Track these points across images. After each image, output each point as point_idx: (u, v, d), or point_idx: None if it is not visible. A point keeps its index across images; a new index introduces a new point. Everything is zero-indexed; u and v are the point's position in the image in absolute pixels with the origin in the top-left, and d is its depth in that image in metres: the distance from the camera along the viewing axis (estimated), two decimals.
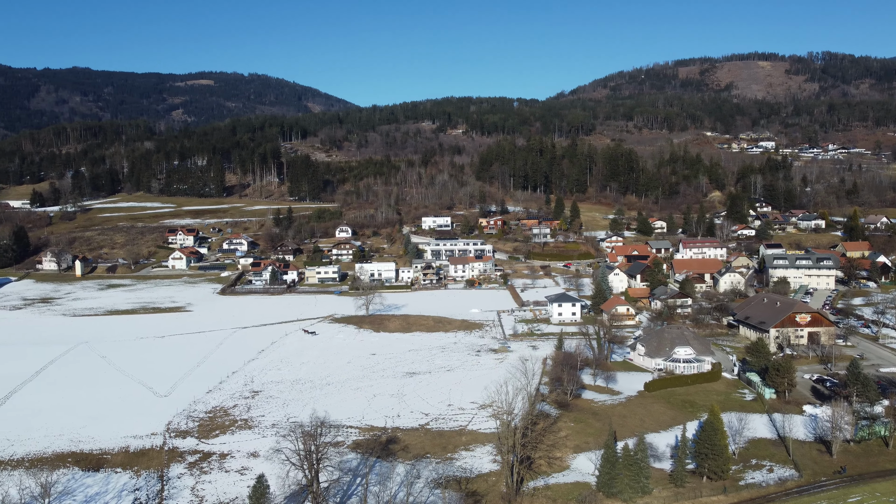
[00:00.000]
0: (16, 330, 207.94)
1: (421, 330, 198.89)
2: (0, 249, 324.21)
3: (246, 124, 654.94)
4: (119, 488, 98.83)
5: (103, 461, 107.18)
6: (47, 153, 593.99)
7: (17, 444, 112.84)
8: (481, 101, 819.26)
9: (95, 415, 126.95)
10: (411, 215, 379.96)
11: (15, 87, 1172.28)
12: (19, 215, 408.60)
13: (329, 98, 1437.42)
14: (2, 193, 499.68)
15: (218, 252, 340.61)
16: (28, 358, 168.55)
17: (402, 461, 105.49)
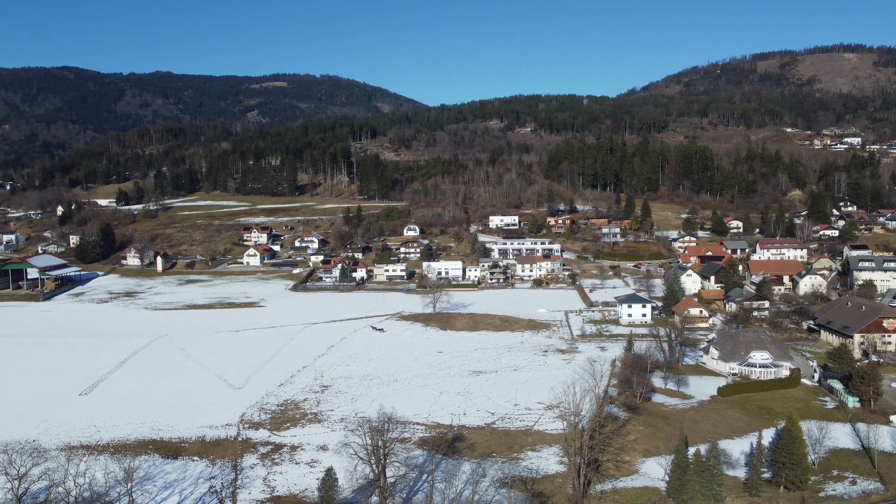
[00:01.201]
0: (102, 322, 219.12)
1: (487, 329, 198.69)
2: (89, 245, 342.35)
3: (317, 125, 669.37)
4: (196, 476, 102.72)
5: (181, 449, 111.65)
6: (132, 154, 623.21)
7: (103, 431, 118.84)
8: (550, 98, 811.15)
9: (174, 404, 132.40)
10: (478, 214, 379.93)
11: (103, 91, 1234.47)
12: (106, 213, 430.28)
13: (398, 98, 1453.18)
14: (91, 192, 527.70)
15: (290, 249, 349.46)
16: (113, 349, 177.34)
17: (468, 459, 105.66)
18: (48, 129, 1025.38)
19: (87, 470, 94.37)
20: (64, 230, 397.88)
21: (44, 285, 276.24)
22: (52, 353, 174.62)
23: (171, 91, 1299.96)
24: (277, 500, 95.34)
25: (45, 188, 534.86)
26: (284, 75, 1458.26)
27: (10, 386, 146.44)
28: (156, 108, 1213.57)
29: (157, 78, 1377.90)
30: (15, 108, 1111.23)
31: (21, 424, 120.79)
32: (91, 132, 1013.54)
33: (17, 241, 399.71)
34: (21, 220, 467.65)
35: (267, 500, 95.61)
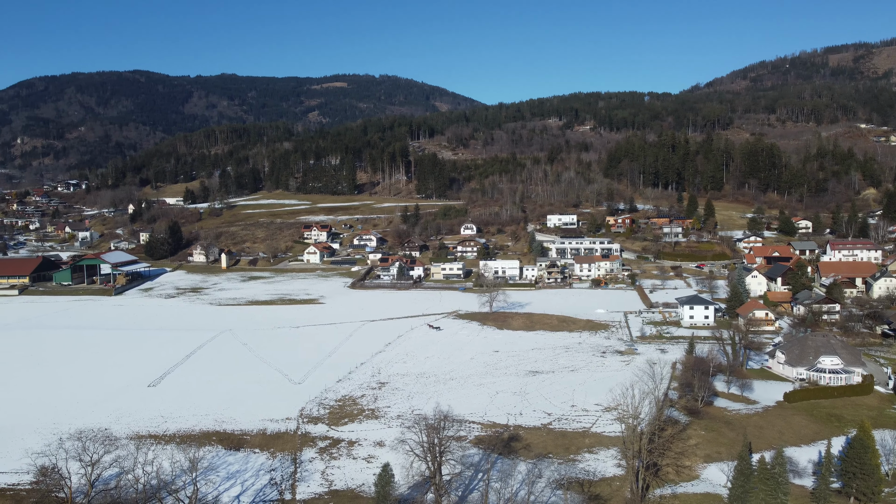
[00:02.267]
0: (170, 316, 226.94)
1: (545, 329, 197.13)
2: (157, 243, 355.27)
3: (376, 124, 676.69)
4: (257, 468, 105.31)
5: (243, 441, 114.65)
6: (198, 154, 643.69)
7: (170, 421, 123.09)
8: (610, 96, 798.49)
9: (237, 398, 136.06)
10: (536, 213, 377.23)
11: (172, 93, 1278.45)
12: (174, 211, 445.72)
13: (456, 97, 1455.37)
14: (160, 191, 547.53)
15: (349, 247, 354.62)
16: (180, 342, 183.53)
17: (524, 459, 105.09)
18: (121, 130, 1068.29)
19: (154, 458, 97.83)
20: (134, 228, 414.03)
21: (115, 280, 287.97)
22: (123, 346, 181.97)
23: (236, 92, 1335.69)
24: (335, 494, 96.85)
25: (117, 187, 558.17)
26: (344, 76, 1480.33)
27: (86, 376, 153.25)
28: (221, 110, 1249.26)
29: (223, 80, 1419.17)
30: (90, 111, 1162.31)
31: (94, 413, 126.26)
32: (160, 133, 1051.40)
33: (91, 238, 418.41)
34: (95, 218, 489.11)
35: (325, 493, 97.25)
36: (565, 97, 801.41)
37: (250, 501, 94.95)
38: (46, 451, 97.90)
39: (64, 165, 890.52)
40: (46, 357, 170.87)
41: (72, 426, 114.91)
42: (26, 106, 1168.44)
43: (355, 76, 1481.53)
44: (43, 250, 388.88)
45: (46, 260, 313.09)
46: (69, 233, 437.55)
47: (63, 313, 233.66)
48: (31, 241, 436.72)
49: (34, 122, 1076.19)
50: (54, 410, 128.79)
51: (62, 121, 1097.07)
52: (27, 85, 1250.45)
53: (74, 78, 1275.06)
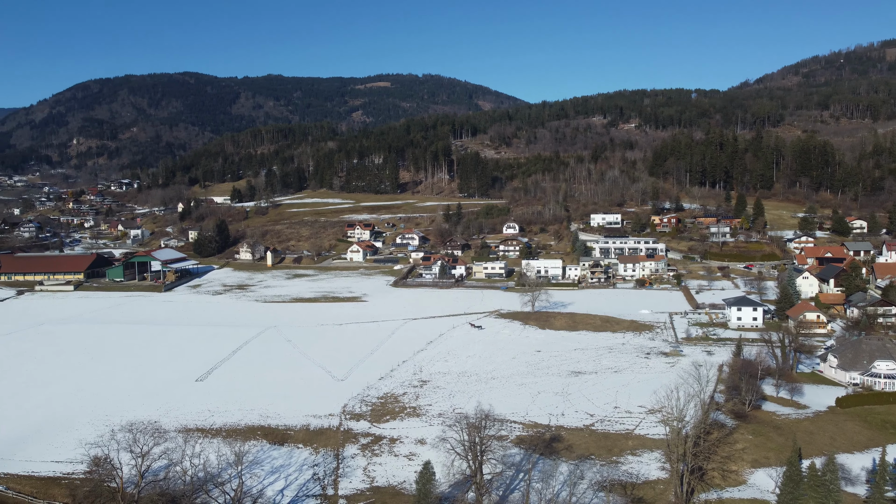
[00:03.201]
0: (217, 313, 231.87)
1: (587, 329, 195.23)
2: (205, 240, 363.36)
3: (419, 123, 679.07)
4: (300, 462, 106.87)
5: (287, 437, 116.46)
6: (245, 154, 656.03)
7: (217, 415, 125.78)
8: (656, 93, 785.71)
9: (281, 393, 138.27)
10: (580, 212, 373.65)
11: (220, 94, 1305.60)
12: (221, 210, 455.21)
13: (499, 95, 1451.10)
14: (208, 190, 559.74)
15: (391, 246, 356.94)
16: (227, 338, 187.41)
17: (566, 460, 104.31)
18: (171, 130, 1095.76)
19: (201, 451, 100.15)
20: (183, 226, 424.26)
21: (165, 277, 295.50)
22: (172, 341, 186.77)
23: (282, 93, 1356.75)
24: (377, 491, 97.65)
25: (167, 186, 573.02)
26: (388, 75, 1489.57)
27: (137, 370, 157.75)
28: (267, 110, 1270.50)
29: (269, 81, 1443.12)
30: (142, 112, 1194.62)
31: (145, 406, 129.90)
32: (209, 133, 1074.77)
33: (142, 236, 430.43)
34: (146, 216, 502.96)
35: (367, 489, 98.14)
36: (610, 95, 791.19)
37: (294, 496, 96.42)
38: (99, 441, 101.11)
39: (117, 165, 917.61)
40: (100, 351, 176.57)
41: (123, 418, 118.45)
42: (82, 108, 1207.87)
43: (398, 76, 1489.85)
44: (97, 248, 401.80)
45: (100, 257, 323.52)
46: (122, 231, 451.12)
47: (115, 309, 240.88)
48: (86, 238, 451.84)
49: (89, 124, 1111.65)
50: (107, 403, 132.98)
51: (116, 122, 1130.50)
52: (83, 87, 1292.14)
53: (127, 80, 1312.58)
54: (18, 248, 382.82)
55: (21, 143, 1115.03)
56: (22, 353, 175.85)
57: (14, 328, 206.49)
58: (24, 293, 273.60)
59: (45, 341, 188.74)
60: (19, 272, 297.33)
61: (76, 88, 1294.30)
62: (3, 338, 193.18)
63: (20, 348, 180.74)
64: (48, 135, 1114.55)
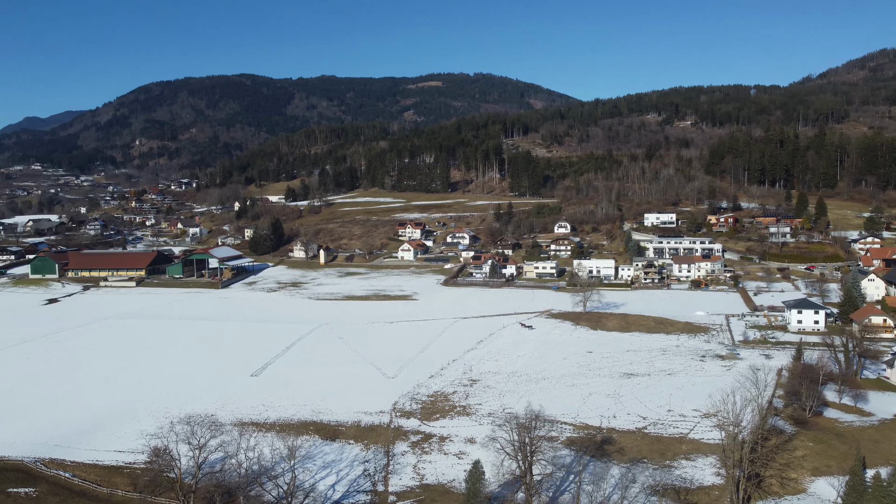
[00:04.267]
0: (271, 309, 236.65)
1: (640, 330, 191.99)
2: (261, 239, 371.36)
3: (470, 123, 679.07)
4: (351, 458, 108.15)
5: (338, 432, 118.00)
6: (299, 153, 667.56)
7: (271, 410, 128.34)
8: (713, 89, 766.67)
9: (333, 389, 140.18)
10: (633, 211, 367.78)
11: (275, 95, 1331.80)
12: (276, 208, 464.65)
13: (551, 94, 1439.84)
14: (263, 189, 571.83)
15: (442, 245, 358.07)
16: (280, 334, 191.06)
17: (617, 463, 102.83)
18: (228, 131, 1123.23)
19: (256, 445, 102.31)
20: (240, 224, 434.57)
21: (222, 274, 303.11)
22: (228, 337, 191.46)
23: (335, 93, 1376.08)
24: (426, 488, 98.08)
25: (224, 186, 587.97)
26: (439, 75, 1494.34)
27: (194, 364, 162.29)
28: (321, 110, 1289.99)
29: (323, 81, 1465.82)
30: (201, 114, 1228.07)
31: (202, 399, 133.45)
32: (264, 134, 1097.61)
33: (200, 234, 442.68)
34: (204, 215, 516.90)
35: (416, 487, 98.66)
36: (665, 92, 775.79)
37: (345, 491, 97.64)
38: (159, 433, 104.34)
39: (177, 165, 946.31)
40: (159, 345, 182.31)
41: (182, 411, 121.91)
42: (144, 109, 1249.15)
43: (450, 75, 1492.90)
44: (157, 245, 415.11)
45: (160, 254, 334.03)
46: (181, 229, 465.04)
47: (175, 304, 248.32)
48: (147, 236, 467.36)
49: (151, 125, 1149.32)
50: (166, 395, 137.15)
51: (175, 123, 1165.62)
52: (145, 90, 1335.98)
53: (187, 82, 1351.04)
54: (85, 246, 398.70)
55: (87, 144, 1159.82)
56: (87, 345, 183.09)
57: (80, 322, 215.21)
58: (89, 288, 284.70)
59: (109, 335, 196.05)
60: (85, 268, 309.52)
61: (139, 91, 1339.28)
62: (70, 331, 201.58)
63: (86, 341, 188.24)
64: (112, 136, 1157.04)
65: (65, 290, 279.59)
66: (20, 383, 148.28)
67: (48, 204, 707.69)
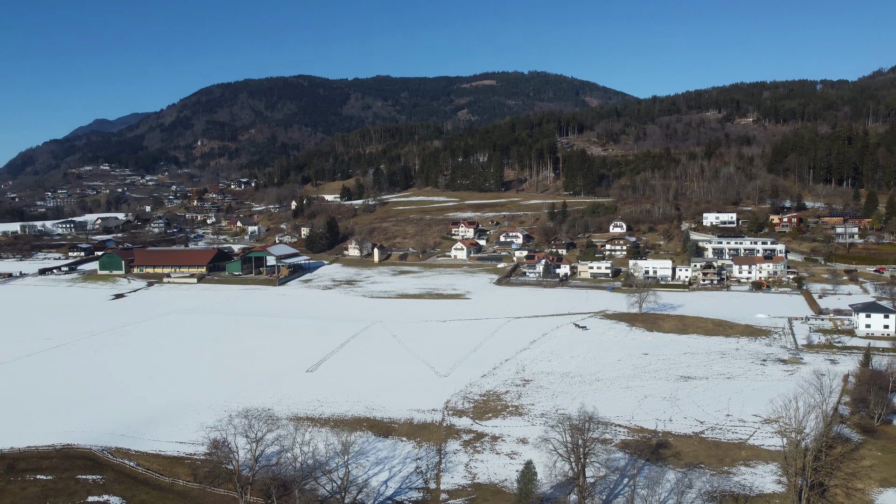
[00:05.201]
0: (326, 306, 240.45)
1: (698, 332, 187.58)
2: (316, 237, 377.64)
3: (524, 121, 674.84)
4: (404, 455, 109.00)
5: (391, 429, 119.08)
6: (354, 153, 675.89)
7: (325, 406, 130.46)
8: (776, 85, 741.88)
9: (386, 387, 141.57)
10: (691, 211, 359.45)
11: (331, 96, 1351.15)
12: (331, 207, 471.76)
13: (607, 91, 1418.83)
14: (319, 188, 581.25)
15: (495, 244, 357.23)
16: (335, 331, 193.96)
17: (673, 468, 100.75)
18: (285, 131, 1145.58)
19: (311, 440, 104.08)
20: (296, 223, 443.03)
21: (279, 272, 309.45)
22: (285, 333, 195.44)
23: (390, 93, 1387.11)
24: (478, 487, 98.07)
25: (281, 185, 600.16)
26: (493, 73, 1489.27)
27: (252, 359, 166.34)
28: (376, 110, 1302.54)
29: (378, 82, 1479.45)
30: (259, 115, 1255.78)
31: (259, 394, 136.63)
32: (320, 134, 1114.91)
33: (259, 232, 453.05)
34: (262, 214, 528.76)
35: (468, 485, 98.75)
36: (725, 88, 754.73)
37: (397, 487, 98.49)
38: (218, 426, 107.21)
39: (236, 165, 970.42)
40: (219, 340, 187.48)
41: (240, 405, 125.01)
42: (205, 111, 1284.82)
43: (504, 73, 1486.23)
44: (218, 243, 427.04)
45: (221, 252, 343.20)
46: (240, 227, 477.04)
47: (233, 301, 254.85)
48: (208, 234, 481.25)
49: (212, 126, 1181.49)
50: (224, 389, 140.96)
51: (235, 124, 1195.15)
52: (206, 92, 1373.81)
53: (246, 84, 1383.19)
54: (149, 243, 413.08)
55: (152, 145, 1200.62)
56: (151, 340, 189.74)
57: (145, 317, 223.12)
58: (153, 284, 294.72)
59: (171, 330, 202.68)
60: (149, 265, 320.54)
61: (200, 93, 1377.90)
62: (135, 326, 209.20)
63: (150, 336, 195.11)
64: (175, 137, 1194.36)
65: (130, 286, 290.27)
66: (89, 375, 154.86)
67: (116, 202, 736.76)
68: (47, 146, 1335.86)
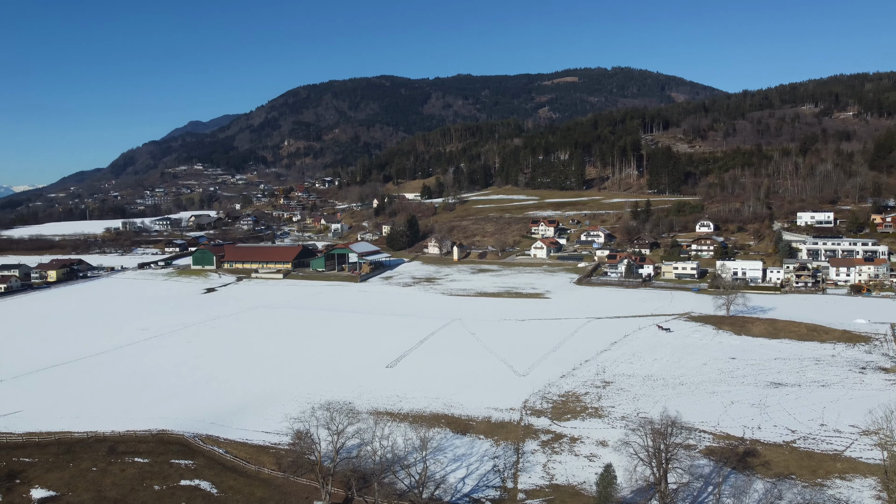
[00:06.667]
0: (406, 303, 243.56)
1: (790, 337, 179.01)
2: (397, 235, 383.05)
3: (607, 118, 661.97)
4: (481, 453, 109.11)
5: (469, 427, 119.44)
6: (434, 152, 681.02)
7: (404, 401, 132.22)
8: (880, 76, 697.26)
9: (464, 384, 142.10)
10: (784, 210, 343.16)
11: (412, 96, 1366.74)
12: (412, 206, 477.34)
13: (694, 86, 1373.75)
14: (400, 187, 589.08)
15: (576, 243, 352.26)
16: (414, 328, 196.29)
17: (762, 477, 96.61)
18: (368, 131, 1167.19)
19: (390, 434, 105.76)
20: (378, 221, 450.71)
21: (361, 269, 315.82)
22: (366, 328, 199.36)
23: (470, 92, 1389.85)
24: (556, 489, 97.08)
25: (364, 184, 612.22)
26: (575, 70, 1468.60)
27: (334, 353, 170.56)
28: (456, 109, 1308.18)
29: (458, 81, 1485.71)
30: (343, 115, 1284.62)
31: (340, 387, 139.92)
32: (402, 133, 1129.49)
33: (341, 230, 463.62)
34: (345, 211, 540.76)
35: (546, 486, 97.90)
36: (822, 81, 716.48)
37: (475, 485, 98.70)
38: (301, 417, 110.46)
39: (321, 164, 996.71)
40: (302, 334, 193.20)
41: (322, 397, 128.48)
42: (292, 112, 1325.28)
43: (586, 70, 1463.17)
44: (302, 240, 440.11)
45: (305, 248, 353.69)
46: (324, 224, 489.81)
47: (317, 296, 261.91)
48: (294, 231, 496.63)
49: (298, 127, 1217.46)
50: (307, 382, 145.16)
51: (320, 124, 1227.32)
52: (293, 94, 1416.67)
53: (331, 85, 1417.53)
54: (238, 239, 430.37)
55: (242, 145, 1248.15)
56: (239, 333, 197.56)
57: (234, 310, 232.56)
58: (242, 279, 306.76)
59: (258, 324, 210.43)
60: (238, 260, 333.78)
61: (287, 95, 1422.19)
62: (225, 319, 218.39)
63: (238, 329, 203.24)
64: (264, 137, 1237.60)
65: (221, 281, 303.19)
66: (181, 364, 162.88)
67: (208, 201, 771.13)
68: (146, 147, 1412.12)
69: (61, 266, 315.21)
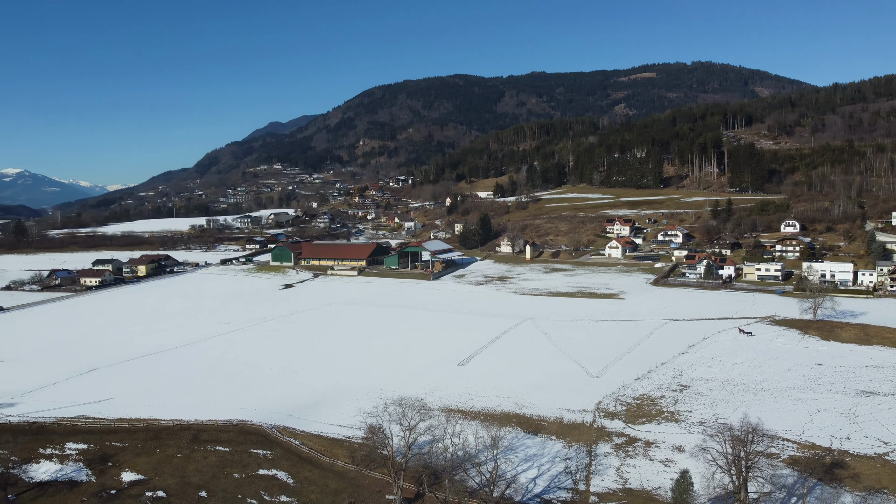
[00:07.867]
0: (479, 302, 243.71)
1: (884, 344, 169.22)
2: (469, 233, 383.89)
3: (686, 114, 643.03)
4: (553, 454, 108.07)
5: (540, 427, 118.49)
6: (508, 150, 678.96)
7: (475, 399, 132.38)
8: None
9: (536, 384, 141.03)
10: (878, 209, 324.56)
11: (486, 94, 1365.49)
12: (484, 204, 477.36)
13: (779, 80, 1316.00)
14: (473, 186, 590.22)
15: (652, 243, 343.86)
16: (486, 327, 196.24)
17: (850, 490, 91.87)
18: (441, 130, 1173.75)
19: (461, 432, 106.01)
20: (450, 219, 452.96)
21: (434, 267, 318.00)
22: (438, 326, 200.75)
23: (544, 90, 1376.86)
24: (629, 493, 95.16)
25: (437, 182, 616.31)
26: (653, 66, 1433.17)
27: (406, 350, 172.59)
28: (530, 107, 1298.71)
29: (532, 78, 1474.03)
30: (417, 114, 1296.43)
31: (412, 384, 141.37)
32: (475, 132, 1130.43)
33: (415, 228, 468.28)
34: (418, 210, 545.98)
35: (619, 490, 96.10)
36: None
37: (546, 486, 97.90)
38: (374, 412, 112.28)
39: (395, 163, 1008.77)
40: (376, 330, 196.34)
41: (394, 393, 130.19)
42: (367, 112, 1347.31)
43: (665, 65, 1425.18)
44: (377, 238, 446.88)
45: (379, 246, 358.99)
46: (397, 223, 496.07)
47: (391, 293, 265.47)
48: (368, 229, 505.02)
49: (373, 126, 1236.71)
50: (380, 377, 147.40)
51: (394, 124, 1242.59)
52: (368, 94, 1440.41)
53: (405, 85, 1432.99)
54: (315, 237, 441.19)
55: (319, 145, 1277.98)
56: (316, 328, 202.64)
57: (311, 306, 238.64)
58: (318, 276, 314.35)
59: (334, 319, 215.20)
60: (315, 258, 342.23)
61: (363, 95, 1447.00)
62: (302, 314, 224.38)
63: (315, 324, 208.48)
64: (340, 137, 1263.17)
65: (298, 277, 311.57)
66: (260, 357, 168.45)
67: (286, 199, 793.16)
68: (229, 147, 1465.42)
69: (150, 261, 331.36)
